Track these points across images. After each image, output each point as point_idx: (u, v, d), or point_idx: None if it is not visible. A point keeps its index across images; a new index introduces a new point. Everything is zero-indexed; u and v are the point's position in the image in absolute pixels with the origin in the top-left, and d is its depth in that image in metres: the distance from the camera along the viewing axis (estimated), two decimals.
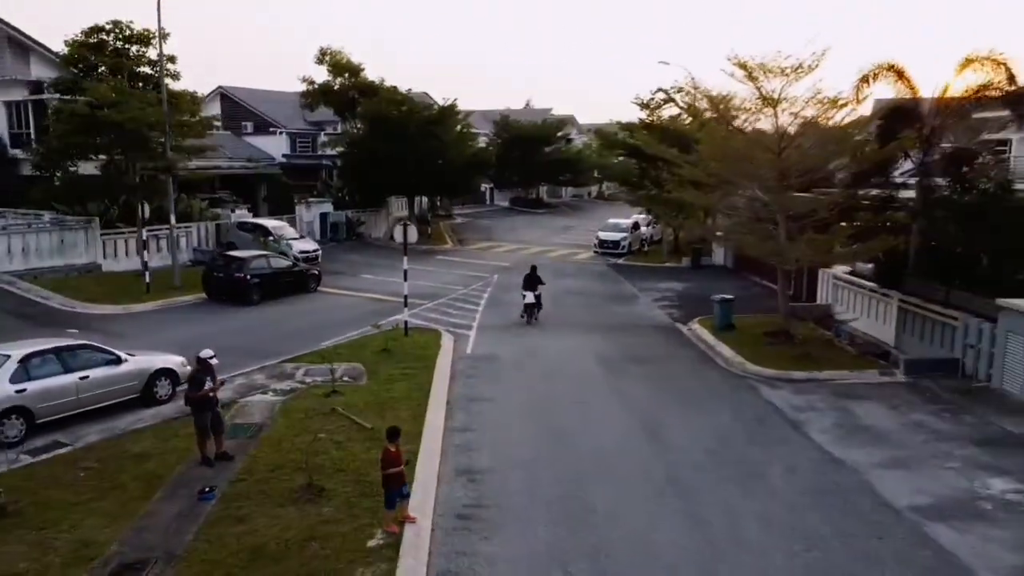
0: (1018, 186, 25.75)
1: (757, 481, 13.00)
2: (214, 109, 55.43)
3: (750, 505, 12.04)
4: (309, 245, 33.40)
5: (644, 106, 38.41)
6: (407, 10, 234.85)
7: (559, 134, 68.24)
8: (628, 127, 40.81)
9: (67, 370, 14.19)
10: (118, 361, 15.02)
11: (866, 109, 24.89)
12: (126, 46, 29.63)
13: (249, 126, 58.85)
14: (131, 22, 29.25)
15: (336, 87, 45.08)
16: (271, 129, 58.25)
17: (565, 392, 17.70)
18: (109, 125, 25.33)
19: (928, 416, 16.33)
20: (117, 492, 11.71)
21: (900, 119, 21.56)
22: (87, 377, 14.41)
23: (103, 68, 29.83)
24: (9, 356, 13.64)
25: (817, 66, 20.93)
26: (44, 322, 22.08)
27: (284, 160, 54.96)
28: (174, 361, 16.07)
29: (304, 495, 11.42)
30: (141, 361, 15.52)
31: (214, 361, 13.03)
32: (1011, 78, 22.05)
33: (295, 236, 34.06)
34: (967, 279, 19.64)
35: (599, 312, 27.08)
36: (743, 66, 21.83)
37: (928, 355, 19.98)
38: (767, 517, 11.66)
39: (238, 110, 60.36)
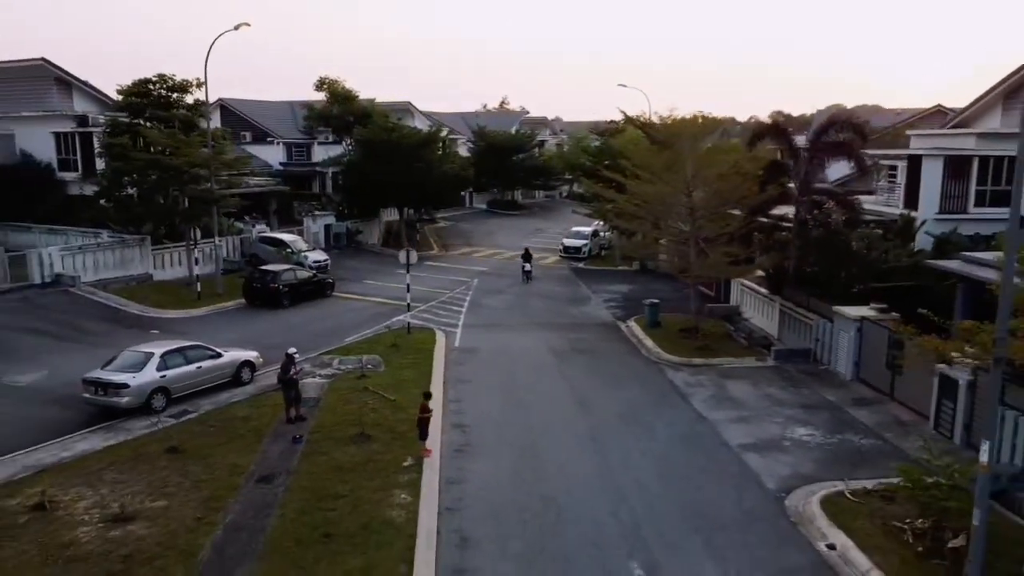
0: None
1: (646, 432, 20.04)
2: (215, 120, 61.33)
3: (637, 445, 19.09)
4: (320, 256, 40.03)
5: (600, 134, 45.30)
6: (386, 11, 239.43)
7: (532, 143, 74.84)
8: (585, 150, 47.68)
9: (188, 362, 20.98)
10: (218, 355, 21.83)
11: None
12: (169, 94, 35.93)
13: (248, 136, 64.56)
14: (173, 75, 35.59)
15: (334, 112, 51.55)
16: (268, 139, 64.27)
17: (525, 375, 24.70)
18: (168, 167, 31.86)
19: (777, 390, 23.52)
20: (238, 439, 18.55)
21: (778, 168, 28.65)
22: (200, 367, 21.23)
23: (148, 111, 36.03)
24: (154, 353, 20.40)
25: (713, 131, 28.03)
26: (129, 325, 28.72)
27: (281, 168, 61.27)
28: (252, 355, 22.92)
29: (358, 440, 18.32)
30: (231, 355, 22.34)
31: (297, 356, 19.89)
32: (863, 136, 29.41)
33: (308, 247, 40.73)
34: (821, 290, 26.78)
35: (558, 313, 34.03)
36: (664, 127, 28.87)
37: (794, 346, 27.25)
38: (647, 451, 18.72)
39: (237, 121, 65.96)
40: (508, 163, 71.97)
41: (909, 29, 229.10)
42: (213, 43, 32.27)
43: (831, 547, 14.28)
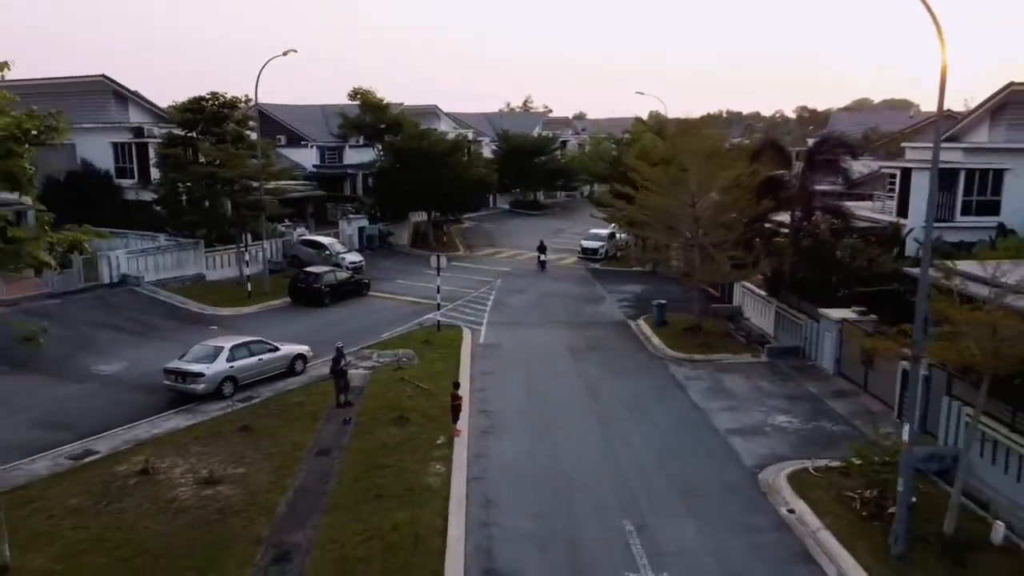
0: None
1: (647, 418, 23.07)
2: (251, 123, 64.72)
3: (638, 429, 22.13)
4: (356, 257, 43.40)
5: (616, 142, 48.20)
6: (409, 8, 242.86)
7: (553, 146, 77.79)
8: (602, 158, 50.64)
9: (251, 354, 24.38)
10: (276, 349, 25.21)
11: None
12: (220, 109, 39.40)
13: (283, 139, 68.13)
14: (225, 93, 39.06)
15: (367, 121, 54.98)
16: (303, 142, 67.81)
17: (542, 369, 27.81)
18: (224, 179, 35.41)
19: (766, 383, 26.44)
20: (298, 421, 21.87)
21: (774, 183, 31.43)
22: (261, 358, 24.62)
23: (202, 125, 39.48)
24: (224, 347, 23.81)
25: (718, 148, 30.91)
26: (191, 321, 32.24)
27: (314, 170, 64.76)
28: (304, 349, 26.27)
29: (399, 422, 21.56)
30: (287, 349, 25.71)
31: (345, 349, 23.20)
32: (852, 154, 32.16)
33: (344, 249, 44.12)
34: (811, 294, 29.56)
35: (574, 312, 37.06)
36: (671, 144, 31.73)
37: (787, 344, 30.10)
38: (646, 435, 21.76)
39: (273, 125, 69.44)
40: (530, 165, 74.96)
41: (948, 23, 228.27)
42: (263, 68, 35.91)
43: (791, 511, 17.30)
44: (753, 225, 32.21)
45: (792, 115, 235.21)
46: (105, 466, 18.71)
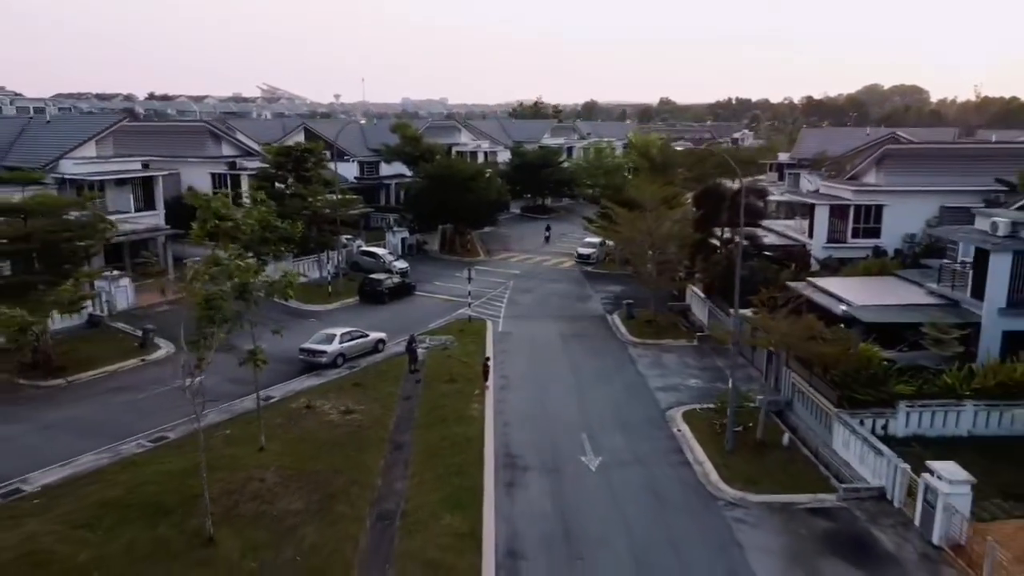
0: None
1: (607, 382, 36.11)
2: (299, 135, 77.01)
3: (600, 388, 35.21)
4: (403, 264, 56.45)
5: (605, 173, 60.90)
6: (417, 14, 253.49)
7: (558, 159, 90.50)
8: (595, 182, 63.47)
9: (352, 339, 37.60)
10: (366, 335, 38.45)
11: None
12: (304, 153, 52.59)
13: (328, 154, 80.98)
14: (308, 143, 52.17)
15: (405, 150, 68.04)
16: (345, 157, 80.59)
17: (541, 350, 40.90)
18: (312, 208, 48.69)
19: (690, 359, 39.43)
20: (387, 380, 35.09)
21: (708, 217, 44.24)
22: (359, 341, 37.84)
23: (290, 165, 52.64)
24: (336, 333, 37.08)
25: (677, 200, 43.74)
26: (295, 315, 45.50)
27: (355, 182, 77.80)
28: (383, 335, 39.47)
29: (449, 381, 34.72)
30: (372, 335, 38.92)
31: (416, 335, 36.42)
32: (763, 197, 44.91)
33: (393, 258, 57.25)
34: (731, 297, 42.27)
35: (567, 308, 50.03)
36: (635, 189, 44.62)
37: (713, 332, 42.98)
38: (604, 391, 34.82)
39: (317, 141, 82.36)
40: (539, 175, 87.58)
41: (952, 14, 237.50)
42: (338, 134, 48.63)
43: (678, 431, 30.39)
44: (696, 245, 45.16)
45: (799, 103, 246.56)
46: (282, 405, 32.04)
